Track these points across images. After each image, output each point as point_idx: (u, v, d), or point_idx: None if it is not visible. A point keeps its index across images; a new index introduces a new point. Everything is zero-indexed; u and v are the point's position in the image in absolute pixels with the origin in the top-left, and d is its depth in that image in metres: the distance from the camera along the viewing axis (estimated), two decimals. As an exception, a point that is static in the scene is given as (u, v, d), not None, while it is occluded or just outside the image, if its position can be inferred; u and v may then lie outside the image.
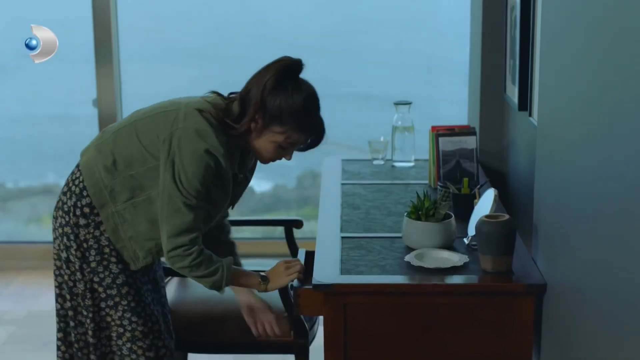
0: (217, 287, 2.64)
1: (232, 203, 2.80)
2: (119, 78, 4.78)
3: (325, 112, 2.68)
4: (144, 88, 5.07)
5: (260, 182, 6.40)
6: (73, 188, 2.67)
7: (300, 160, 3.07)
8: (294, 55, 2.63)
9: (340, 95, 5.04)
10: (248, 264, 3.24)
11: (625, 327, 1.81)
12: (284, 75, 2.56)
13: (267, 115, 2.55)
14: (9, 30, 5.09)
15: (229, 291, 2.85)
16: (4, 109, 5.27)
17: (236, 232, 4.75)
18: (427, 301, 2.58)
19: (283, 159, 2.71)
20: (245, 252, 4.66)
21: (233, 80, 2.72)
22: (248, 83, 2.61)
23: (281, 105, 2.54)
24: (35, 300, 4.48)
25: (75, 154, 2.80)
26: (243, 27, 5.15)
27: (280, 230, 3.67)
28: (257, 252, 4.68)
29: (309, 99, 2.59)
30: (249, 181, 2.82)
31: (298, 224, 3.47)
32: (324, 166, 3.85)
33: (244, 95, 2.60)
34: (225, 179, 2.62)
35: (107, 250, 2.63)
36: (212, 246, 2.73)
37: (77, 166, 2.71)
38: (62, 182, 5.82)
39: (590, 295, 2.09)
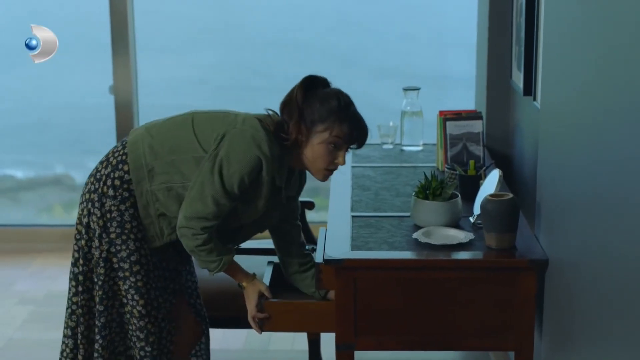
0: (209, 270, 2.76)
1: (272, 219, 2.86)
2: (135, 66, 4.88)
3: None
4: (156, 76, 5.16)
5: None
6: (111, 159, 2.77)
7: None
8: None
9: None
10: (264, 244, 3.35)
11: (621, 299, 1.89)
12: (310, 84, 2.71)
13: (307, 120, 2.68)
14: (22, 21, 5.18)
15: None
16: (14, 99, 5.34)
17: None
18: (433, 276, 2.67)
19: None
20: (259, 235, 4.74)
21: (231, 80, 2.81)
22: (280, 105, 2.73)
23: (317, 106, 2.68)
24: (54, 281, 4.59)
25: (84, 144, 2.87)
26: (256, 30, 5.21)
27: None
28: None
29: (341, 94, 2.73)
30: (295, 199, 2.90)
31: (310, 205, 3.57)
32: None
33: (282, 115, 2.73)
34: (261, 187, 2.70)
35: (128, 226, 2.72)
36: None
37: (122, 141, 2.82)
38: (72, 173, 5.86)
39: (589, 270, 2.17)
